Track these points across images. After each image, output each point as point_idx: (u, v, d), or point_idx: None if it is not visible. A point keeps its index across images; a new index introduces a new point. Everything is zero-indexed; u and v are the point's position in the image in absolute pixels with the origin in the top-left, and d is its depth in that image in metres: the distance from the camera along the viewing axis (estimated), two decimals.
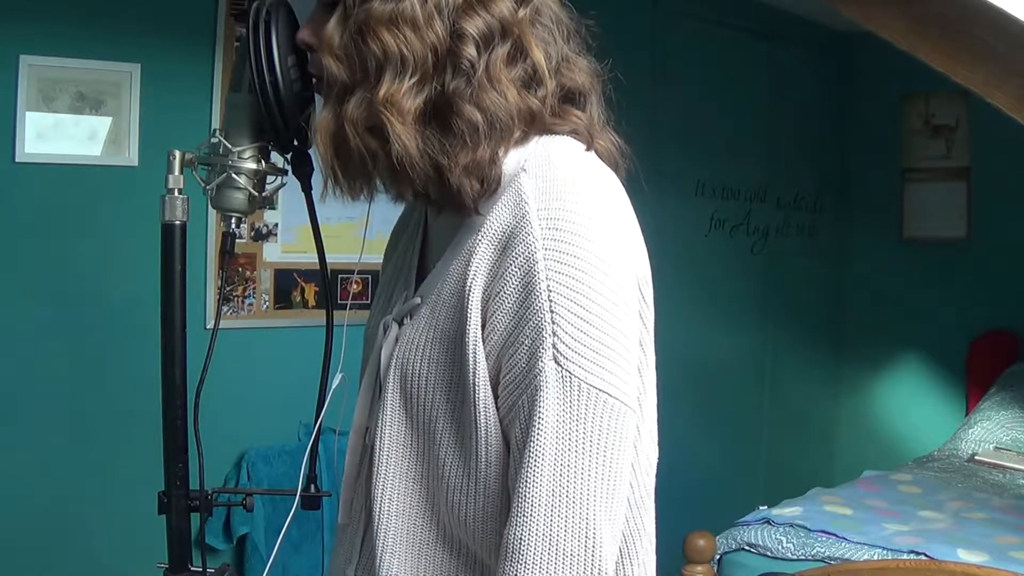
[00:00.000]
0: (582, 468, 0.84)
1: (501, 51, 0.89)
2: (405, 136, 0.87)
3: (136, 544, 2.08)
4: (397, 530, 0.94)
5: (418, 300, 0.97)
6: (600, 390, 0.84)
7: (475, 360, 0.87)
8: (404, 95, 0.87)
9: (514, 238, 0.86)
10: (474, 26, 0.88)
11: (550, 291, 0.84)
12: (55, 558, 2.46)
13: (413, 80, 0.87)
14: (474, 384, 0.87)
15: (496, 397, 0.88)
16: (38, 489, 2.45)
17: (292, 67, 0.99)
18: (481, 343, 0.87)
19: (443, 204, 0.93)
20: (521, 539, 0.84)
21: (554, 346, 0.83)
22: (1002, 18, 1.83)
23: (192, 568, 1.06)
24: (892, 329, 4.52)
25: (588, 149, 0.95)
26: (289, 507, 1.08)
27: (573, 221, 0.86)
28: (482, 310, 0.87)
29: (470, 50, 0.88)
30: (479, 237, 0.89)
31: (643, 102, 3.58)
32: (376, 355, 1.00)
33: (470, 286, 0.88)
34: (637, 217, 0.96)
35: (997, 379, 3.90)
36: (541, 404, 0.84)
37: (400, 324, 0.98)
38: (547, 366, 0.83)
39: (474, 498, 0.90)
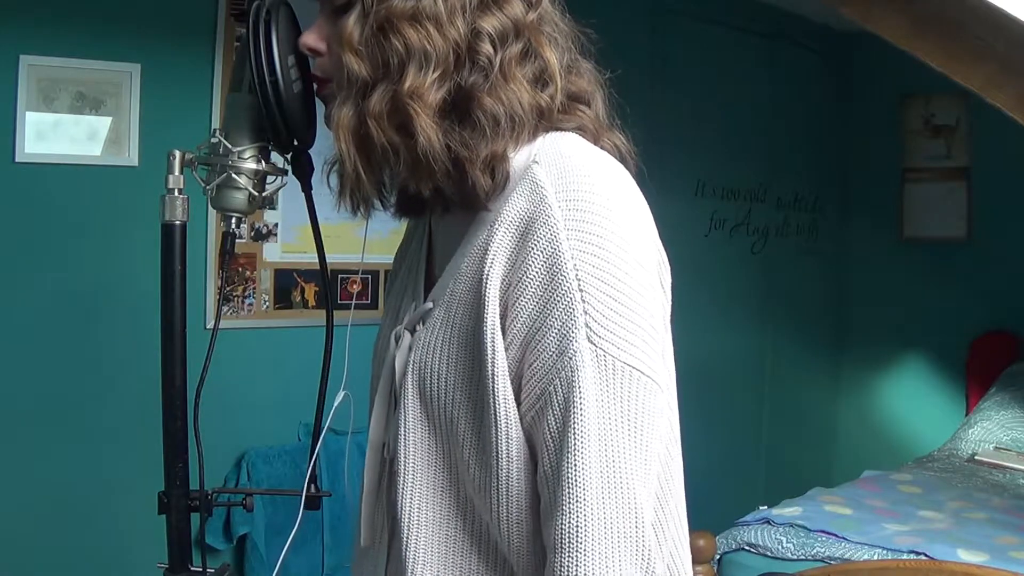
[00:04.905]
0: (625, 446, 0.82)
1: (514, 49, 0.92)
2: (429, 128, 0.88)
3: (136, 544, 2.08)
4: (428, 541, 0.91)
5: (430, 305, 0.96)
6: (633, 367, 0.83)
7: (493, 350, 0.85)
8: (428, 88, 0.89)
9: (534, 223, 0.86)
10: (490, 25, 0.90)
11: (577, 270, 0.83)
12: (55, 558, 2.45)
13: (436, 74, 0.89)
14: (492, 375, 0.85)
15: (520, 388, 0.85)
16: (38, 489, 2.45)
17: (292, 67, 0.99)
18: (500, 332, 0.85)
19: (456, 200, 0.93)
20: (578, 527, 0.81)
21: (587, 325, 0.82)
22: (1002, 18, 1.83)
23: (192, 568, 1.06)
24: (892, 329, 4.52)
25: (594, 144, 0.97)
26: (288, 507, 1.07)
27: (593, 202, 0.85)
28: (501, 299, 0.86)
29: (487, 47, 0.90)
30: (495, 227, 0.88)
31: (643, 102, 3.57)
32: (389, 365, 0.99)
33: (487, 275, 0.87)
34: None
35: (997, 379, 3.90)
36: (579, 385, 0.82)
37: (412, 332, 0.97)
38: (582, 346, 0.82)
39: (497, 499, 0.87)
